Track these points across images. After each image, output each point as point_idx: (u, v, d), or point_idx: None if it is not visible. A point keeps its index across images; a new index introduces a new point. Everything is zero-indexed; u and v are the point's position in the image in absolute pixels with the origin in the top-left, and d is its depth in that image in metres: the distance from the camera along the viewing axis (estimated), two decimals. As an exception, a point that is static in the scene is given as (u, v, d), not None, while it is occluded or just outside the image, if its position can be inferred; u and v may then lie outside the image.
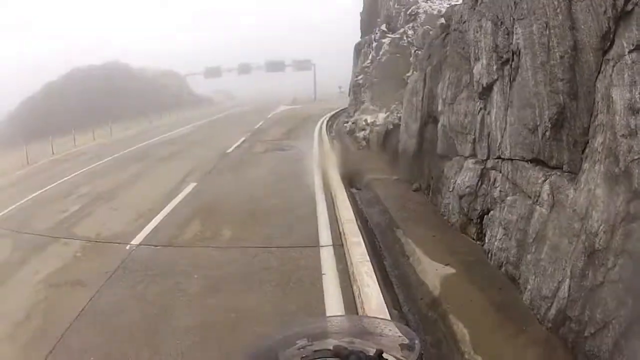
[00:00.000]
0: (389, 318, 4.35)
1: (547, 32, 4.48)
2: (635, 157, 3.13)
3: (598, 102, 3.77)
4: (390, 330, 1.42)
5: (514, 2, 5.28)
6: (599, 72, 3.76)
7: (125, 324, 4.95)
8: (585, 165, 3.92)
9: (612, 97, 3.47)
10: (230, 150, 17.50)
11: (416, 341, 1.30)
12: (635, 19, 3.24)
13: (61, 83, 51.83)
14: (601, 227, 3.42)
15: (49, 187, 13.29)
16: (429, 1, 22.38)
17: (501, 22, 5.92)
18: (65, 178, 14.45)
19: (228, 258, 6.76)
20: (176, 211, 9.33)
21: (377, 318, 1.81)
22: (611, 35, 3.54)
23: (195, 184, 11.70)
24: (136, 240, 7.67)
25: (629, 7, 3.29)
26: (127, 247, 7.39)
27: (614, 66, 3.49)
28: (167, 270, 6.40)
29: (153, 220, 8.74)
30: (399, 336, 1.37)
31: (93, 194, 11.75)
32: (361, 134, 17.93)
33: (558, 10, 4.27)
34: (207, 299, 5.50)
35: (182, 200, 10.17)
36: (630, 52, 3.30)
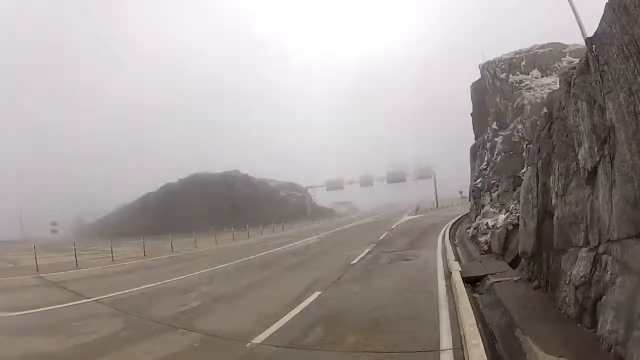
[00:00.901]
0: None
1: (632, 98, 4.44)
2: None
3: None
4: None
5: (600, 76, 5.30)
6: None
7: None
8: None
9: None
10: (355, 261, 17.57)
11: None
12: None
13: (180, 186, 55.50)
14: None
15: (168, 280, 14.16)
16: (531, 90, 22.12)
17: (594, 100, 5.91)
18: (185, 275, 15.23)
19: (352, 362, 6.73)
20: (300, 317, 9.31)
21: None
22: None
23: (320, 292, 11.72)
24: (257, 340, 7.72)
25: None
26: (248, 345, 7.47)
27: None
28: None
29: (276, 323, 8.76)
30: None
31: (214, 294, 12.19)
32: (483, 239, 17.44)
33: (635, 71, 4.25)
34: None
35: (306, 307, 10.16)
36: None
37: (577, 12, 12.92)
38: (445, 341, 7.24)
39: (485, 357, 5.94)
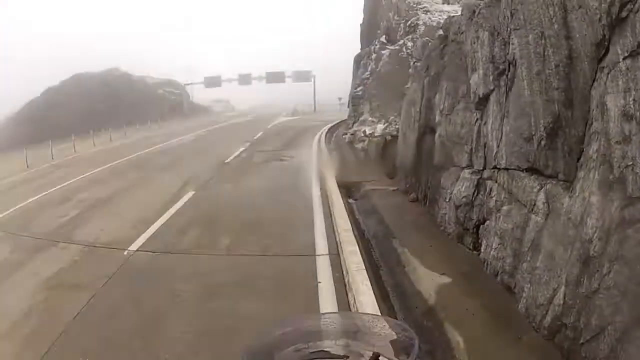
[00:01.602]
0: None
1: (543, 41, 4.51)
2: (629, 163, 3.14)
3: (593, 110, 3.79)
4: (387, 328, 1.37)
5: (511, 13, 5.31)
6: (594, 80, 3.79)
7: (120, 328, 4.95)
8: (581, 174, 3.93)
9: (607, 105, 3.49)
10: (229, 159, 17.45)
11: (415, 342, 1.22)
12: (630, 26, 3.27)
13: (61, 88, 51.81)
14: (596, 234, 3.42)
15: (47, 192, 13.34)
16: (428, 13, 22.50)
17: (498, 33, 5.96)
18: (65, 184, 14.48)
19: (226, 265, 6.72)
20: (174, 219, 9.28)
21: (374, 315, 1.78)
22: (606, 43, 3.57)
23: (193, 192, 11.65)
24: (134, 246, 7.67)
25: (624, 13, 3.32)
26: (125, 253, 7.39)
27: (608, 73, 3.52)
28: (165, 277, 6.38)
29: (151, 227, 8.71)
30: (396, 335, 1.33)
31: (91, 201, 11.71)
32: (360, 145, 17.96)
33: (554, 19, 4.30)
34: (205, 304, 5.47)
35: (180, 209, 10.11)
36: (624, 58, 3.32)
37: None
38: (321, 246, 7.45)
39: (363, 265, 6.07)
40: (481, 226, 6.26)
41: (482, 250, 6.01)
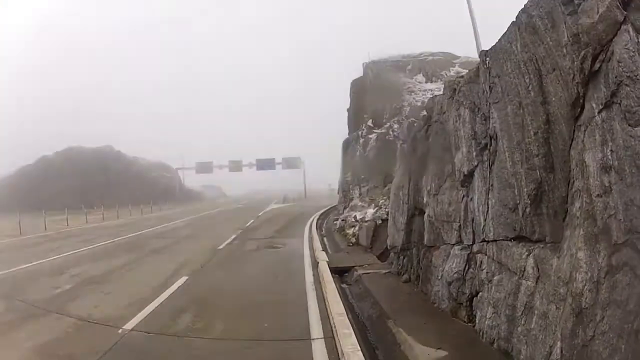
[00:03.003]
0: None
1: (521, 111, 4.77)
2: (612, 213, 3.26)
3: (573, 170, 3.96)
4: None
5: (489, 87, 5.64)
6: (572, 140, 3.99)
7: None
8: (567, 233, 4.03)
9: (585, 161, 3.66)
10: (221, 246, 17.36)
11: None
12: (603, 77, 3.50)
13: (55, 159, 52.80)
14: (586, 287, 3.46)
15: (41, 261, 13.47)
16: (412, 93, 23.43)
17: (478, 109, 6.27)
18: (58, 256, 14.54)
19: (220, 349, 6.57)
20: (168, 302, 9.16)
21: None
22: (581, 101, 3.80)
23: (186, 277, 11.51)
24: (129, 325, 7.55)
25: (597, 65, 3.57)
26: (120, 331, 7.26)
27: (585, 130, 3.72)
28: (160, 357, 6.32)
29: (145, 308, 8.62)
30: None
31: (85, 277, 11.70)
32: (351, 231, 18.05)
33: (530, 87, 4.58)
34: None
35: (174, 292, 10.01)
36: (599, 112, 3.53)
37: (476, 26, 13.81)
38: (316, 330, 7.30)
39: (358, 346, 6.01)
40: (474, 298, 6.23)
41: (477, 322, 5.94)
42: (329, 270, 11.62)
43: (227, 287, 10.66)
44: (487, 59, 5.73)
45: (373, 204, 18.12)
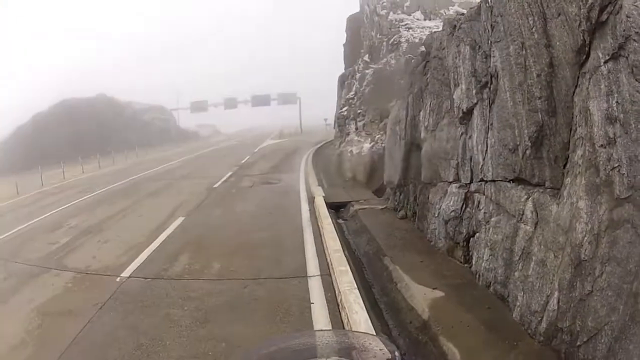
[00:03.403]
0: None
1: (524, 52, 4.58)
2: (615, 165, 3.18)
3: (576, 116, 3.83)
4: (373, 344, 1.42)
5: (491, 26, 5.41)
6: (576, 87, 3.85)
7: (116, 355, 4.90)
8: (567, 180, 3.96)
9: (590, 110, 3.53)
10: (217, 185, 17.38)
11: (396, 353, 1.35)
12: (610, 28, 3.34)
13: (50, 114, 51.97)
14: (585, 238, 3.44)
15: (38, 218, 13.39)
16: (410, 30, 22.78)
17: (479, 47, 6.06)
18: (54, 211, 14.49)
19: (217, 290, 6.66)
20: (165, 245, 9.25)
21: (361, 332, 1.78)
22: (586, 49, 3.64)
23: (183, 217, 11.61)
24: (126, 273, 7.64)
25: (604, 17, 3.40)
26: (118, 280, 7.35)
27: (590, 78, 3.58)
28: (158, 302, 6.33)
29: (142, 253, 8.70)
30: (381, 349, 1.37)
31: (82, 227, 11.69)
32: (347, 166, 17.99)
33: (533, 29, 4.38)
34: (197, 329, 5.40)
35: (170, 234, 10.08)
36: (605, 62, 3.38)
37: None
38: (312, 267, 7.42)
39: (355, 283, 6.10)
40: (471, 239, 6.26)
41: (474, 263, 6.00)
42: (325, 205, 11.66)
43: (223, 226, 10.71)
44: (490, -4, 5.46)
45: (369, 139, 17.97)
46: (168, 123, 65.85)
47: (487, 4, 5.53)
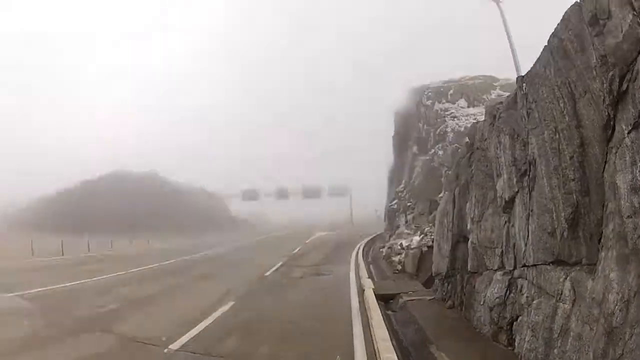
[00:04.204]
0: None
1: (557, 136, 4.86)
2: (640, 234, 3.32)
3: (607, 192, 4.01)
4: None
5: (527, 113, 5.74)
6: (605, 163, 4.05)
7: None
8: (602, 254, 4.07)
9: (617, 183, 3.73)
10: (268, 273, 17.62)
11: None
12: (630, 98, 3.59)
13: (100, 182, 53.96)
14: (617, 307, 3.51)
15: (84, 280, 14.03)
16: (455, 119, 23.29)
17: (517, 135, 6.35)
18: (102, 277, 15.04)
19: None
20: (214, 325, 9.33)
21: None
22: (612, 123, 3.88)
23: (233, 302, 11.69)
24: (174, 346, 7.72)
25: (624, 86, 3.65)
26: (165, 351, 7.46)
27: (616, 152, 3.80)
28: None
29: (192, 330, 8.77)
30: None
31: (131, 297, 12.03)
32: (397, 258, 18.05)
33: (564, 112, 4.68)
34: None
35: (220, 316, 10.18)
36: (629, 132, 3.61)
37: (515, 50, 13.87)
38: (360, 356, 7.32)
39: None
40: (514, 323, 6.22)
41: (516, 345, 5.93)
42: (374, 297, 11.68)
43: (273, 312, 10.76)
44: (524, 84, 5.84)
45: (419, 231, 18.11)
46: (218, 209, 67.53)
47: (522, 91, 5.88)
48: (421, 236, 17.20)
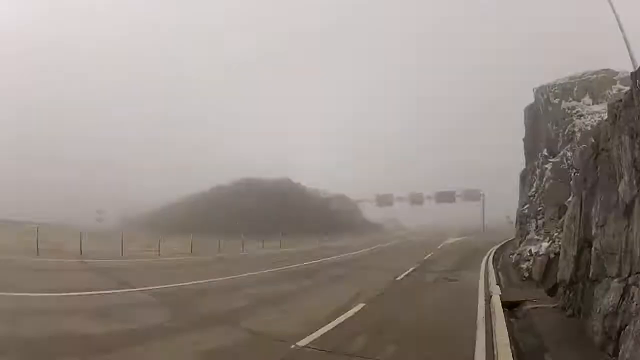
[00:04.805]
0: None
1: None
2: None
3: None
4: None
5: (645, 108, 5.44)
6: None
7: None
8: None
9: None
10: (400, 277, 17.86)
11: None
12: None
13: (232, 188, 56.51)
14: None
15: (215, 279, 14.95)
16: (582, 117, 21.73)
17: (637, 134, 6.02)
18: (231, 277, 15.98)
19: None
20: (343, 326, 9.53)
21: None
22: None
23: (364, 304, 11.90)
24: (302, 342, 7.95)
25: None
26: (292, 347, 7.72)
27: None
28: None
29: (320, 329, 8.98)
30: None
31: (261, 296, 12.68)
32: (525, 265, 17.47)
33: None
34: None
35: (350, 317, 10.38)
36: None
37: (629, 43, 12.86)
38: (480, 358, 7.52)
39: None
40: (622, 332, 5.95)
41: (620, 355, 5.69)
42: (500, 304, 11.64)
43: (401, 316, 11.00)
44: (638, 81, 5.55)
45: (548, 237, 17.24)
46: (352, 214, 68.65)
47: (637, 87, 5.58)
48: (549, 242, 16.39)
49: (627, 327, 5.76)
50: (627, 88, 7.30)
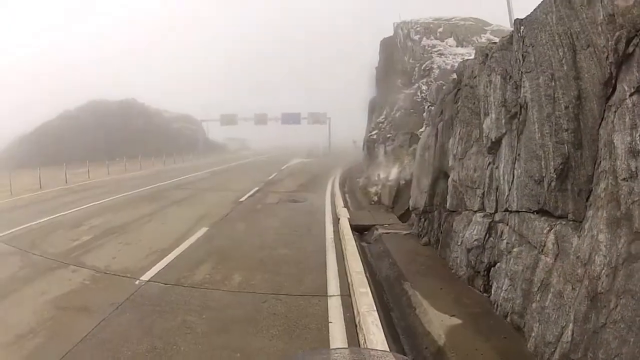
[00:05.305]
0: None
1: (553, 83, 4.61)
2: (636, 199, 3.19)
3: (601, 150, 3.85)
4: None
5: (522, 56, 5.45)
6: (602, 120, 3.87)
7: (128, 355, 5.00)
8: (589, 213, 3.96)
9: (614, 143, 3.55)
10: (243, 199, 17.58)
11: None
12: (636, 61, 3.37)
13: (77, 114, 52.99)
14: (603, 271, 3.43)
15: (60, 214, 13.88)
16: (442, 56, 22.92)
17: (510, 76, 6.09)
18: (77, 208, 14.98)
19: (237, 301, 6.74)
20: (187, 254, 9.35)
21: (378, 350, 1.81)
22: (613, 81, 3.68)
23: (207, 228, 11.75)
24: (146, 277, 7.76)
25: (630, 49, 3.44)
26: (137, 282, 7.48)
27: (615, 112, 3.60)
28: (176, 308, 6.42)
29: (164, 259, 8.82)
30: None
31: (104, 228, 11.96)
32: (373, 189, 18.05)
33: (563, 61, 4.42)
34: (214, 338, 5.49)
35: (193, 243, 10.21)
36: (630, 95, 3.41)
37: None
38: (333, 287, 7.46)
39: (374, 306, 6.11)
40: (492, 269, 6.22)
41: (493, 292, 5.96)
42: (349, 227, 11.69)
43: (246, 239, 10.79)
44: (522, 27, 5.51)
45: (398, 163, 18.01)
46: (196, 133, 66.94)
47: (519, 34, 5.58)
48: (400, 168, 17.13)
49: (498, 264, 6.01)
50: (497, 39, 7.45)
